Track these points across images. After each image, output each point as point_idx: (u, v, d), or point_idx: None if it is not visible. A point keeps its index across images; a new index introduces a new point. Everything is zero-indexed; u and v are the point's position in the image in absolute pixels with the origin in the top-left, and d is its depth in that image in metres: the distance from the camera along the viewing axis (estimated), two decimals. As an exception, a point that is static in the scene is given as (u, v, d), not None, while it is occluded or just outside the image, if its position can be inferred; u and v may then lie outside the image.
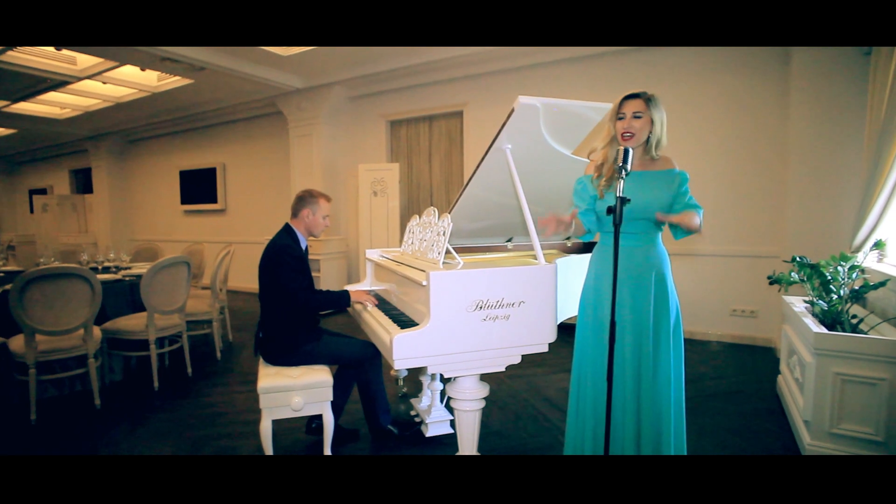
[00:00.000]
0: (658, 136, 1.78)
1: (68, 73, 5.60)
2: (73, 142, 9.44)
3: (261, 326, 2.44)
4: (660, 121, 1.77)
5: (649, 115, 1.76)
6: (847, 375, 2.19)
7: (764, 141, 4.24)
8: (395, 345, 1.81)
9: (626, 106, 1.77)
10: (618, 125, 1.78)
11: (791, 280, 2.85)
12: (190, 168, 8.16)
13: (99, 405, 3.08)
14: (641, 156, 1.86)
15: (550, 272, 1.98)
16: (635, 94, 1.77)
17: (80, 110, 7.42)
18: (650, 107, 1.75)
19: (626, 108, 1.76)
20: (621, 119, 1.77)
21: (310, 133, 6.40)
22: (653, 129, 1.78)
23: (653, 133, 1.78)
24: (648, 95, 1.76)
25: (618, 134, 1.78)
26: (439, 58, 5.18)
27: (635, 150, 1.83)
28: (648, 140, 1.80)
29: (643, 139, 1.79)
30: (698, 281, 4.59)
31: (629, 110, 1.76)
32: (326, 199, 2.54)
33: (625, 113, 1.77)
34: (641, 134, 1.77)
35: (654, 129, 1.77)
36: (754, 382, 3.46)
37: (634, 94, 1.77)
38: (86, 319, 2.98)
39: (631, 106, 1.76)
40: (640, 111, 1.75)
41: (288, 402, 2.17)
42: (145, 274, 3.28)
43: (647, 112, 1.75)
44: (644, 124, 1.76)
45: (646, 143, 1.81)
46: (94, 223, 9.71)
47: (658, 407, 1.81)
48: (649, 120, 1.76)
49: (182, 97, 6.65)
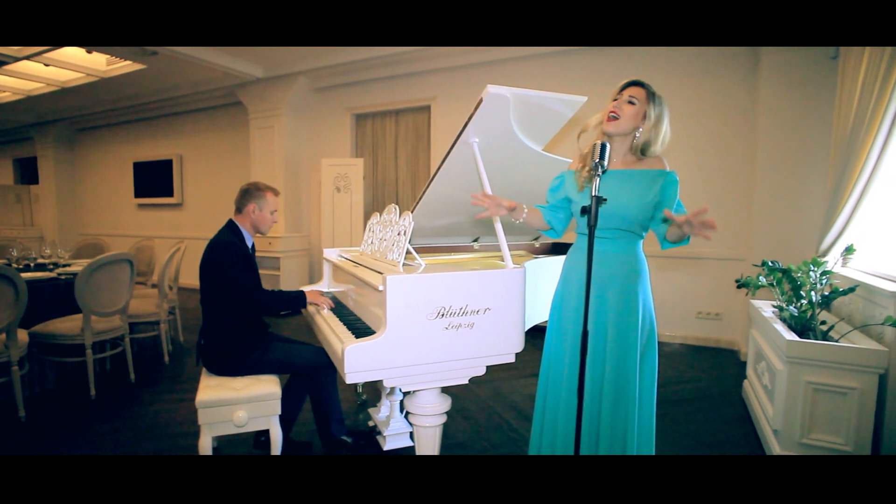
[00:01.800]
0: (648, 135, 1.64)
1: (3, 52, 5.16)
2: (17, 129, 8.81)
3: (202, 333, 2.22)
4: (655, 118, 1.62)
5: (645, 107, 1.63)
6: (818, 384, 2.14)
7: (732, 143, 4.25)
8: (347, 357, 1.64)
9: (625, 90, 1.65)
10: (609, 105, 1.65)
11: (759, 284, 2.82)
12: (144, 160, 7.71)
13: (23, 416, 2.79)
14: (626, 153, 1.72)
15: (519, 276, 1.84)
16: (639, 81, 1.64)
17: (21, 94, 6.88)
18: (650, 100, 1.62)
19: (625, 91, 1.65)
20: (615, 101, 1.65)
21: (271, 125, 6.11)
22: (643, 125, 1.64)
23: (642, 128, 1.64)
24: (651, 89, 1.64)
25: (604, 115, 1.65)
26: (406, 50, 5.00)
27: (619, 146, 1.70)
28: (636, 137, 1.67)
29: (628, 129, 1.65)
30: (664, 283, 4.57)
31: (625, 94, 1.64)
32: (274, 193, 2.33)
33: (620, 95, 1.65)
34: (627, 122, 1.63)
35: (646, 124, 1.63)
36: (720, 386, 3.44)
37: (638, 82, 1.64)
38: (7, 323, 2.69)
39: (629, 91, 1.64)
40: (636, 97, 1.62)
41: (230, 416, 1.97)
42: (81, 273, 2.99)
43: (644, 103, 1.62)
44: (635, 113, 1.63)
45: (633, 139, 1.68)
46: (40, 216, 9.10)
47: (621, 429, 1.68)
48: (643, 112, 1.63)
49: (134, 83, 6.24)
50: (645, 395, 1.74)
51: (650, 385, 1.76)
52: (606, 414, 1.67)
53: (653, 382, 1.78)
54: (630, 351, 1.70)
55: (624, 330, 1.70)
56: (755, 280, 2.85)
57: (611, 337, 1.70)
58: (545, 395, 1.84)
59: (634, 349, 1.70)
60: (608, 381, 1.68)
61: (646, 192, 1.65)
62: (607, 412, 1.67)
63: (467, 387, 3.35)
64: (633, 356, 1.70)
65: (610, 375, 1.68)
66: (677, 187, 1.66)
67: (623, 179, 1.67)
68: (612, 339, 1.70)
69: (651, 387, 1.76)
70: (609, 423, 1.67)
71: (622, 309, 1.70)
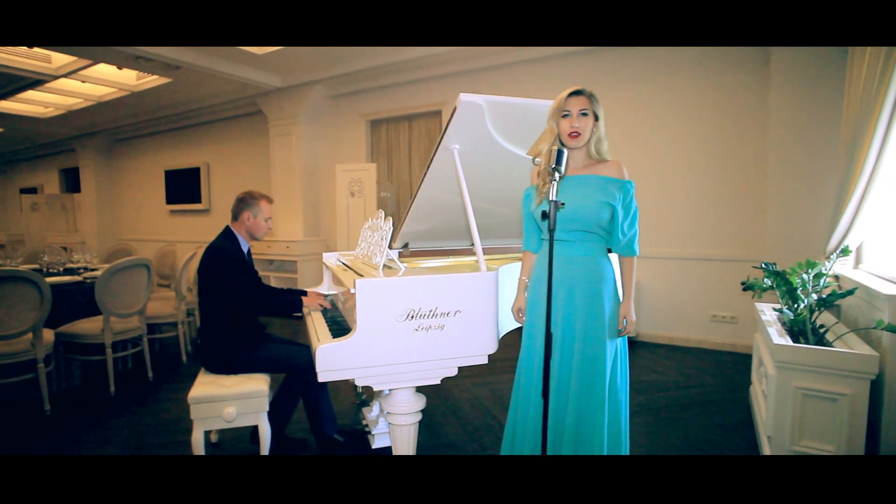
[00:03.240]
0: (601, 136, 1.68)
1: (44, 71, 5.53)
2: (62, 141, 9.39)
3: (200, 333, 2.35)
4: (602, 119, 1.67)
5: (593, 112, 1.66)
6: (808, 390, 2.08)
7: (742, 142, 4.14)
8: (319, 356, 1.72)
9: (570, 103, 1.66)
10: (562, 124, 1.67)
11: (764, 286, 2.75)
12: (175, 168, 8.09)
13: (49, 410, 3.00)
14: (585, 158, 1.75)
15: (489, 280, 1.88)
16: (579, 90, 1.67)
17: (62, 109, 7.35)
18: (594, 104, 1.66)
19: (571, 105, 1.66)
20: (566, 117, 1.67)
21: (290, 133, 6.31)
22: (596, 127, 1.68)
23: (596, 132, 1.68)
24: (590, 92, 1.67)
25: (563, 134, 1.67)
26: (418, 55, 5.09)
27: (576, 154, 1.73)
28: (590, 142, 1.70)
29: (588, 138, 1.69)
30: (676, 285, 4.49)
31: (575, 107, 1.65)
32: (268, 201, 2.45)
33: (570, 111, 1.66)
34: (588, 132, 1.67)
35: (599, 127, 1.68)
36: (728, 392, 3.35)
37: (578, 91, 1.66)
38: (33, 323, 2.90)
39: (577, 102, 1.65)
40: (586, 108, 1.65)
41: (220, 412, 2.08)
42: (100, 276, 3.20)
43: (591, 109, 1.65)
44: (590, 123, 1.67)
45: (588, 145, 1.71)
46: (83, 222, 9.65)
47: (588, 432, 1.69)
48: (594, 118, 1.66)
49: (162, 96, 6.57)
50: (614, 397, 1.75)
51: (622, 387, 1.77)
52: (571, 416, 1.69)
53: (624, 384, 1.79)
54: (598, 353, 1.71)
55: (591, 332, 1.72)
56: (760, 282, 2.79)
57: (578, 339, 1.72)
58: (517, 397, 1.87)
59: (602, 351, 1.71)
60: (575, 383, 1.70)
61: (603, 195, 1.68)
62: (572, 415, 1.69)
63: (467, 388, 3.39)
64: (602, 358, 1.71)
65: (577, 377, 1.70)
66: (632, 196, 1.71)
67: (582, 184, 1.70)
68: (579, 342, 1.72)
69: (622, 388, 1.77)
70: (574, 425, 1.69)
71: (588, 311, 1.72)
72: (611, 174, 1.70)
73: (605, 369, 1.71)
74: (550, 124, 1.71)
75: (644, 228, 4.47)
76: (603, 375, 1.70)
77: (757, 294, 2.86)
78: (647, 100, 4.47)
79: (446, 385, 3.44)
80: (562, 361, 1.73)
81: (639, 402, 3.14)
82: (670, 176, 4.44)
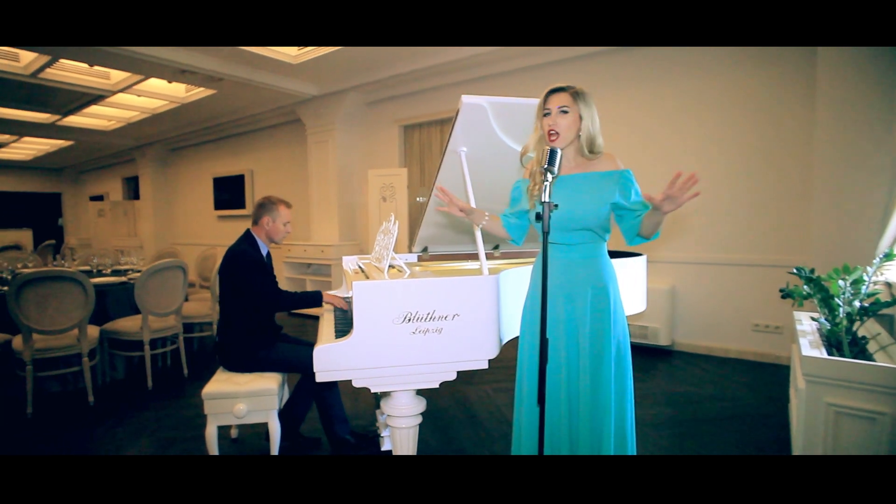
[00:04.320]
0: (589, 133, 1.61)
1: (103, 87, 5.97)
2: (124, 151, 10.08)
3: (218, 331, 2.45)
4: (590, 117, 1.60)
5: (577, 110, 1.60)
6: (842, 407, 1.91)
7: (787, 143, 3.89)
8: (316, 356, 1.74)
9: (550, 101, 1.61)
10: (544, 123, 1.63)
11: (804, 293, 2.56)
12: (222, 175, 8.50)
13: (92, 402, 3.22)
14: (576, 156, 1.70)
15: (489, 284, 1.85)
16: (560, 87, 1.62)
17: (123, 122, 7.91)
18: (578, 101, 1.60)
19: (551, 103, 1.60)
20: (547, 115, 1.62)
21: (326, 139, 6.49)
22: (582, 127, 1.61)
23: (582, 130, 1.62)
24: (576, 89, 1.61)
25: (544, 133, 1.63)
26: (449, 60, 5.10)
27: (568, 152, 1.68)
28: (579, 138, 1.64)
29: (571, 138, 1.63)
30: (714, 291, 4.26)
31: (554, 105, 1.60)
32: (287, 206, 2.53)
33: (550, 109, 1.61)
34: (568, 132, 1.61)
35: (584, 125, 1.61)
36: (766, 407, 3.15)
37: (559, 88, 1.61)
38: (79, 320, 3.12)
39: (556, 100, 1.60)
40: (566, 106, 1.59)
41: (231, 408, 2.16)
42: (139, 277, 3.40)
43: (574, 107, 1.60)
44: (571, 121, 1.60)
45: (578, 142, 1.66)
46: (141, 227, 10.31)
47: (597, 437, 1.64)
48: (577, 116, 1.60)
49: (209, 107, 6.93)
50: (619, 402, 1.68)
51: (628, 388, 1.71)
52: (585, 422, 1.64)
53: (628, 387, 1.72)
54: (604, 357, 1.66)
55: (597, 337, 1.67)
56: (800, 289, 2.60)
57: (584, 344, 1.67)
58: (521, 403, 1.82)
59: (609, 354, 1.66)
60: (585, 388, 1.66)
61: (602, 193, 1.61)
62: (585, 420, 1.64)
63: (485, 393, 3.35)
64: (608, 361, 1.66)
65: (587, 382, 1.66)
66: (632, 182, 1.62)
67: (578, 183, 1.64)
68: (585, 346, 1.67)
69: (626, 392, 1.71)
70: (588, 430, 1.64)
71: (594, 314, 1.67)
72: (604, 168, 1.64)
73: (612, 372, 1.66)
74: (537, 124, 1.67)
75: (680, 232, 4.34)
76: (609, 379, 1.65)
77: (797, 302, 2.68)
78: (686, 98, 4.29)
79: (465, 391, 3.42)
80: (569, 367, 1.68)
81: (667, 415, 3.00)
82: (708, 178, 4.23)
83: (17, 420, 3.00)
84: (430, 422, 2.95)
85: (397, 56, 5.22)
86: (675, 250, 4.43)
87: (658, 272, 4.49)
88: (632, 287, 2.82)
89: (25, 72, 5.33)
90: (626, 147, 4.53)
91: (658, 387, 3.53)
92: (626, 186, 1.61)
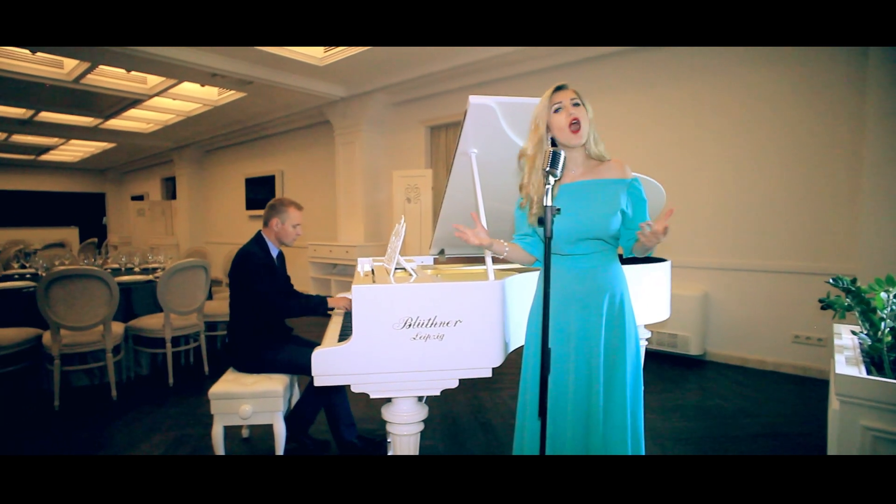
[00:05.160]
0: (595, 134, 1.53)
1: (140, 91, 6.19)
2: (162, 153, 10.46)
3: (228, 331, 2.46)
4: (592, 114, 1.52)
5: (583, 106, 1.51)
6: (879, 431, 1.73)
7: (833, 144, 3.63)
8: (314, 360, 1.71)
9: (559, 95, 1.51)
10: (557, 119, 1.51)
11: (846, 305, 2.37)
12: (253, 175, 8.69)
13: (115, 397, 3.30)
14: (585, 161, 1.60)
15: (493, 290, 1.77)
16: (564, 85, 1.53)
17: (160, 124, 8.19)
18: (583, 99, 1.51)
19: (561, 96, 1.51)
20: (559, 111, 1.52)
21: (353, 140, 6.53)
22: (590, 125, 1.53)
23: (591, 129, 1.53)
24: (575, 88, 1.52)
25: (562, 129, 1.51)
26: (474, 60, 5.03)
27: (575, 153, 1.58)
28: (587, 140, 1.55)
29: (587, 134, 1.53)
30: (750, 299, 4.03)
31: (566, 98, 1.50)
32: (297, 208, 2.51)
33: (562, 102, 1.51)
34: (587, 125, 1.51)
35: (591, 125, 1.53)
36: (804, 424, 2.93)
37: (565, 85, 1.53)
38: (104, 317, 3.20)
39: (566, 94, 1.51)
40: (577, 98, 1.50)
41: (237, 409, 2.15)
42: (161, 276, 3.47)
43: (581, 101, 1.51)
44: (586, 114, 1.51)
45: (586, 144, 1.56)
46: (178, 226, 10.66)
47: (610, 450, 1.55)
48: (586, 111, 1.51)
49: (240, 109, 7.09)
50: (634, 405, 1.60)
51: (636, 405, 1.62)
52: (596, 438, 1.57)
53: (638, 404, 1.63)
54: (617, 371, 1.57)
55: (612, 348, 1.59)
56: (842, 300, 2.41)
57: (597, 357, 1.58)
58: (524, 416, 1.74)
59: (623, 369, 1.57)
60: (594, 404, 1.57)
61: (612, 201, 1.52)
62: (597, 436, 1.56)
63: (502, 401, 3.27)
64: (622, 376, 1.57)
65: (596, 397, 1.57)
66: (641, 194, 1.52)
67: (586, 191, 1.55)
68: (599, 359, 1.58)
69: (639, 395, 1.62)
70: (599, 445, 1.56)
71: (609, 322, 1.59)
72: (614, 175, 1.54)
73: (627, 385, 1.57)
74: (536, 123, 1.56)
75: (716, 235, 4.12)
76: (623, 392, 1.56)
77: (838, 314, 2.48)
78: (726, 98, 4.07)
79: (481, 397, 3.34)
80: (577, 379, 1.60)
81: (694, 429, 2.84)
82: (748, 178, 4.01)
83: (44, 412, 3.10)
84: (442, 427, 2.89)
85: (423, 57, 5.19)
86: (707, 255, 4.22)
87: (688, 278, 4.29)
88: (655, 294, 2.69)
89: (68, 78, 5.57)
90: (663, 148, 4.37)
91: (686, 399, 3.35)
92: (634, 198, 1.53)
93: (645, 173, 3.67)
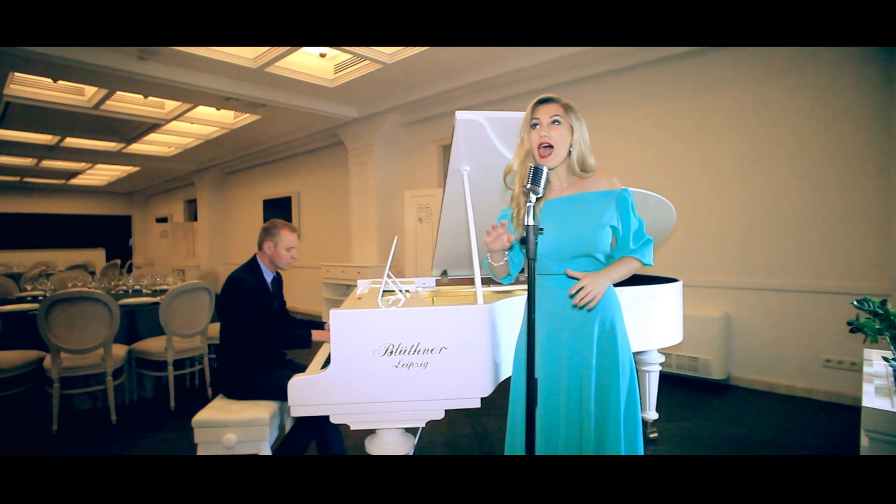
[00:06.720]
0: (581, 151, 1.42)
1: (158, 115, 6.34)
2: (185, 175, 10.71)
3: (216, 356, 2.38)
4: (580, 132, 1.41)
5: (569, 122, 1.40)
6: (919, 472, 1.54)
7: (863, 154, 3.41)
8: (290, 389, 1.62)
9: (539, 111, 1.42)
10: (532, 135, 1.44)
11: (877, 328, 2.16)
12: (271, 197, 8.78)
13: (115, 421, 3.26)
14: (568, 176, 1.49)
15: (480, 314, 1.65)
16: (549, 98, 1.43)
17: (180, 148, 8.38)
18: (569, 113, 1.41)
19: (541, 112, 1.42)
20: (536, 127, 1.43)
21: (366, 161, 6.53)
22: (573, 141, 1.42)
23: (574, 146, 1.42)
24: (565, 102, 1.42)
25: (533, 147, 1.43)
26: (489, 76, 4.97)
27: (559, 169, 1.48)
28: (570, 155, 1.44)
29: (564, 154, 1.43)
30: (778, 321, 3.79)
31: (545, 115, 1.41)
32: (290, 230, 2.42)
33: (539, 119, 1.42)
34: (561, 146, 1.42)
35: (575, 140, 1.42)
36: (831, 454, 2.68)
37: (548, 98, 1.43)
38: (104, 339, 3.19)
39: (546, 110, 1.42)
40: (557, 116, 1.40)
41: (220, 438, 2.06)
42: (163, 299, 3.45)
43: (566, 118, 1.40)
44: (564, 134, 1.41)
45: (569, 159, 1.46)
46: (199, 247, 10.84)
47: None
48: (569, 128, 1.41)
49: (255, 131, 7.20)
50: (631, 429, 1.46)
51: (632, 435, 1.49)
52: None
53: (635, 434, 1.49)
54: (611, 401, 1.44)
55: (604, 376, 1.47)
56: (872, 323, 2.21)
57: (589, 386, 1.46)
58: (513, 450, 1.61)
59: (616, 385, 1.45)
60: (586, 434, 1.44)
61: (599, 215, 1.40)
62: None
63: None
64: (616, 393, 1.45)
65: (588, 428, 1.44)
66: (630, 205, 1.40)
67: (571, 205, 1.44)
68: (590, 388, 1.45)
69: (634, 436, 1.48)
70: None
71: (601, 346, 1.47)
72: (600, 188, 1.43)
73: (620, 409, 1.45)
74: (521, 136, 1.47)
75: (738, 253, 3.91)
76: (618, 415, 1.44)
77: (868, 337, 2.27)
78: (752, 103, 3.89)
79: (487, 423, 3.19)
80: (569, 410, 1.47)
81: (710, 463, 2.62)
82: (773, 191, 3.80)
83: (41, 436, 3.08)
84: (444, 453, 2.75)
85: (433, 76, 5.17)
86: (728, 274, 4.01)
87: (707, 298, 4.08)
88: (665, 316, 2.52)
89: (89, 104, 5.74)
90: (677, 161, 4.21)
91: (707, 427, 3.13)
92: (622, 209, 1.42)
93: (662, 188, 3.54)
